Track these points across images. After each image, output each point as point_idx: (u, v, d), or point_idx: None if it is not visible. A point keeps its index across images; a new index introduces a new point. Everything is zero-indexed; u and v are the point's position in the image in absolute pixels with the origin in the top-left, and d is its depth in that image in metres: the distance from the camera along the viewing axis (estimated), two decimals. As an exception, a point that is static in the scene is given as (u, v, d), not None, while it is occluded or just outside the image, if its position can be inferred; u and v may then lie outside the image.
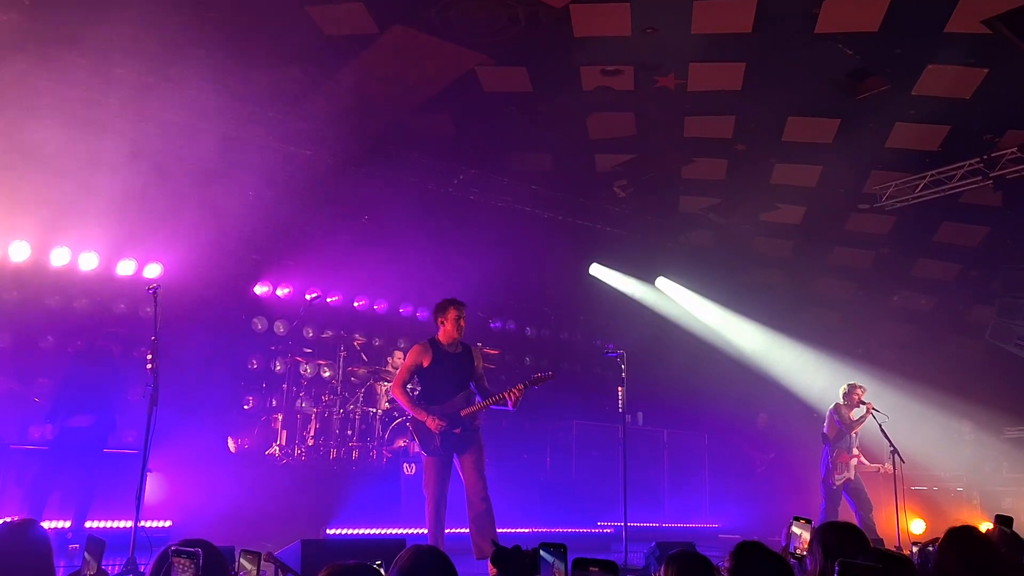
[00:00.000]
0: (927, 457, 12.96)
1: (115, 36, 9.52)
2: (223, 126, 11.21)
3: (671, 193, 14.22)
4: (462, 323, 7.96)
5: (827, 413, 11.44)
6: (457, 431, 7.74)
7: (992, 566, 3.58)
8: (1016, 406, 14.07)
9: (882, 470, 11.09)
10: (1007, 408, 14.04)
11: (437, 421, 7.65)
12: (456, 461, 7.83)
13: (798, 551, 4.37)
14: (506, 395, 7.74)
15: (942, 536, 3.85)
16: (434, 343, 7.97)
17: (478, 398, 8.01)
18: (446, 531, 7.76)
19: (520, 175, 13.39)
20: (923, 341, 15.53)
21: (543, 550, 3.26)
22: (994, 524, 4.67)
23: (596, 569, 2.85)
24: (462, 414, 7.80)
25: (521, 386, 7.77)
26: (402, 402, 8.00)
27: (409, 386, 8.34)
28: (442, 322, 7.95)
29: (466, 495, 7.78)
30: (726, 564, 3.62)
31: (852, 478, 11.04)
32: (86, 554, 4.16)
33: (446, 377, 7.91)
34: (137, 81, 10.48)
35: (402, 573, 3.13)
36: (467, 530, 7.77)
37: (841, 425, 11.12)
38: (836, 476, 11.01)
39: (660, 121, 11.87)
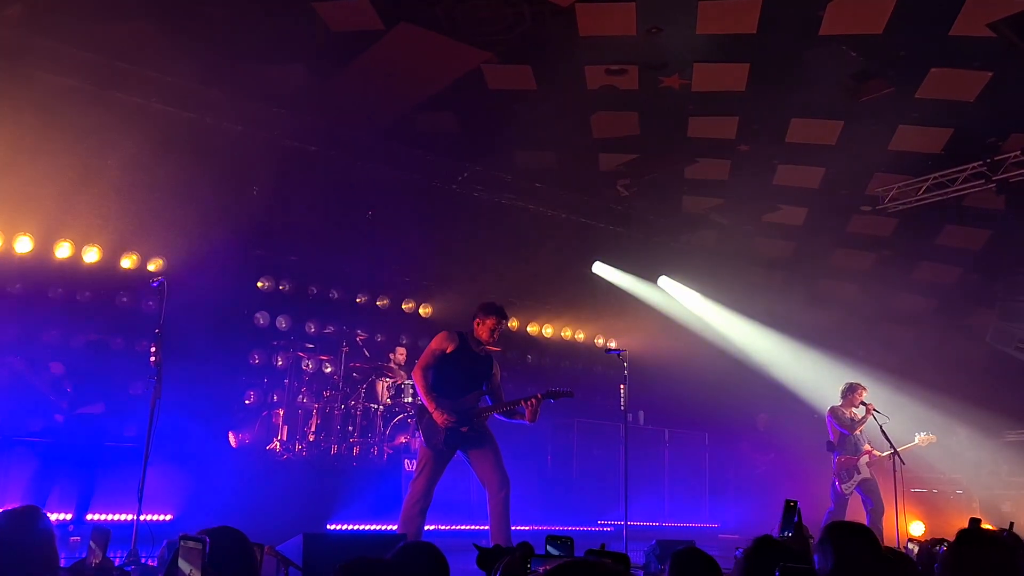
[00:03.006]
0: (927, 459, 12.96)
1: (119, 30, 9.55)
2: (228, 121, 11.23)
3: (674, 193, 14.23)
4: (496, 335, 7.79)
5: (826, 420, 11.39)
6: (464, 429, 7.51)
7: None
8: (1016, 409, 14.06)
9: (901, 450, 10.87)
10: (1007, 411, 14.03)
11: (445, 416, 7.40)
12: (465, 459, 7.67)
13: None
14: (523, 403, 7.57)
15: (952, 537, 3.82)
16: (462, 336, 7.78)
17: (489, 403, 7.85)
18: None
19: (524, 173, 13.40)
20: (924, 343, 15.53)
21: (549, 544, 3.29)
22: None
23: (609, 560, 2.88)
24: (476, 409, 7.62)
25: (537, 397, 7.56)
26: (419, 386, 7.67)
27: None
28: (479, 323, 7.78)
29: (486, 492, 7.59)
30: (740, 560, 3.62)
31: (869, 477, 11.00)
32: (91, 543, 4.18)
33: (464, 372, 7.71)
34: (141, 75, 10.50)
35: (392, 567, 3.15)
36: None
37: (841, 428, 11.09)
38: (843, 485, 10.96)
39: (664, 121, 11.88)
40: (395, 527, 9.70)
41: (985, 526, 6.67)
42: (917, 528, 12.61)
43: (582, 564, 2.38)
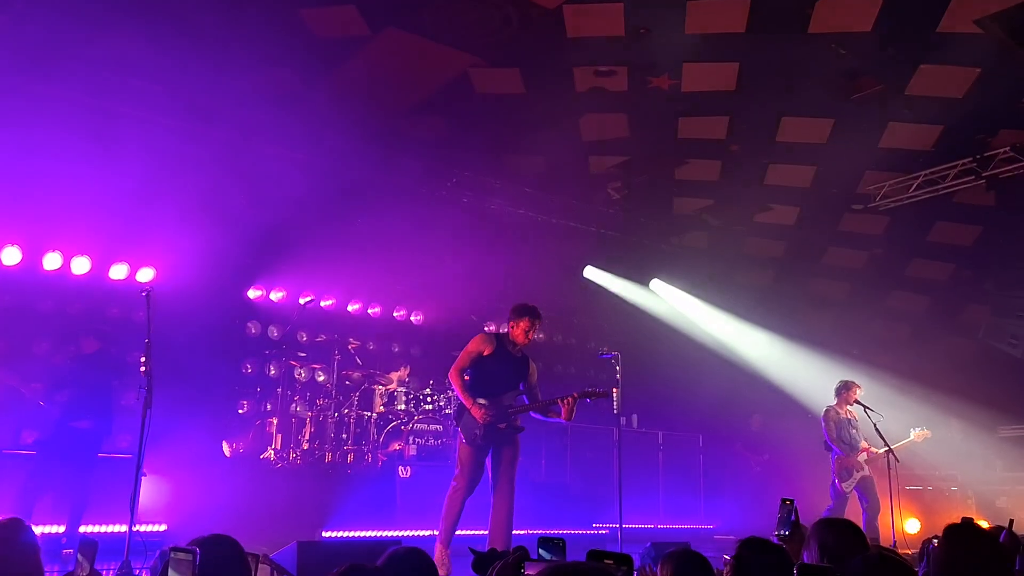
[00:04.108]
0: (922, 456, 12.95)
1: (109, 41, 9.51)
2: (215, 129, 11.18)
3: (665, 195, 14.23)
4: (531, 335, 8.06)
5: (821, 421, 11.36)
6: (502, 426, 7.79)
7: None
8: (1010, 405, 14.06)
9: (897, 447, 10.88)
10: (1001, 407, 14.03)
11: (484, 412, 7.67)
12: (490, 458, 7.89)
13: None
14: (560, 402, 7.80)
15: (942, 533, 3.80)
16: (499, 337, 8.09)
17: (526, 401, 8.08)
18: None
19: (513, 177, 13.37)
20: (917, 340, 15.54)
21: (541, 547, 3.26)
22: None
23: (611, 562, 2.85)
24: (513, 408, 7.88)
25: (573, 396, 7.79)
26: (456, 386, 7.97)
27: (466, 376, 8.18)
28: (513, 326, 8.05)
29: (492, 494, 7.85)
30: (728, 560, 3.59)
31: (867, 475, 10.97)
32: (79, 555, 4.11)
33: (501, 373, 7.98)
34: (131, 85, 10.46)
35: (380, 573, 3.14)
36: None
37: (826, 434, 11.03)
38: (843, 484, 10.92)
39: (654, 122, 11.88)
40: (391, 533, 9.76)
41: (980, 523, 6.66)
42: (913, 526, 12.59)
43: (568, 568, 2.35)
